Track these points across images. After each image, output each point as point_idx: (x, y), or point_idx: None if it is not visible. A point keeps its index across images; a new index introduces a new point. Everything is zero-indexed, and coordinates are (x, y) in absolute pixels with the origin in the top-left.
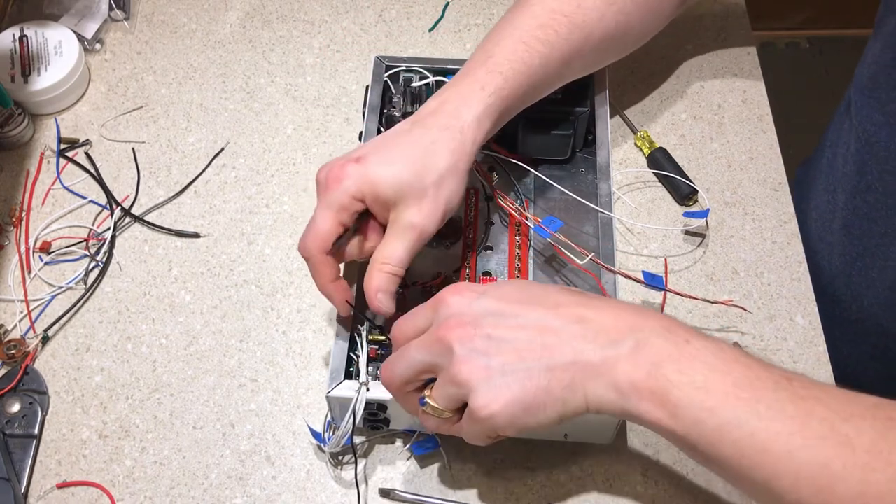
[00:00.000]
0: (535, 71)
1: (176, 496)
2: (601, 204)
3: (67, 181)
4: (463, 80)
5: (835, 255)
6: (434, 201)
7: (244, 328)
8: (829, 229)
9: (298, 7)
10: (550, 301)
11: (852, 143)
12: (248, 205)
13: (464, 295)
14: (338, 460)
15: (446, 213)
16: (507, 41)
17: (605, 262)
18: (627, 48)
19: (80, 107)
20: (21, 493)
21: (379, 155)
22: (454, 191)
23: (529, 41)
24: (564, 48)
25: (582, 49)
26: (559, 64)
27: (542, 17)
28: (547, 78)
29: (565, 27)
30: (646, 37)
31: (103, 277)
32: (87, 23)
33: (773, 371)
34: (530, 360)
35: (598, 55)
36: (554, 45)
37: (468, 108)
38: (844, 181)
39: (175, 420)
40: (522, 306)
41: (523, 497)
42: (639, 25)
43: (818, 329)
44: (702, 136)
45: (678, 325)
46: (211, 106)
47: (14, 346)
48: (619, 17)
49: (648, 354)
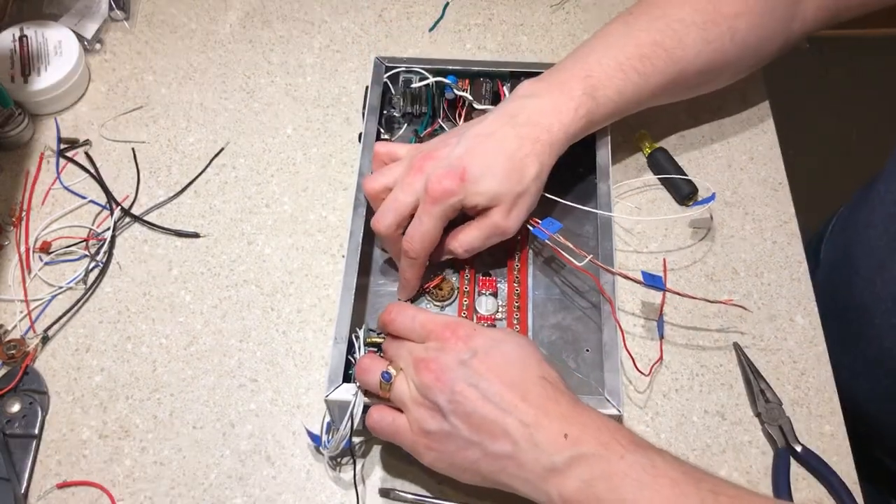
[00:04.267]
0: (627, 100)
1: (176, 496)
2: (600, 204)
3: (67, 181)
4: (560, 91)
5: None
6: (519, 209)
7: (244, 328)
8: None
9: (298, 7)
10: (519, 394)
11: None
12: (248, 205)
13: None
14: (337, 461)
15: (527, 216)
16: (608, 63)
17: (605, 263)
18: (718, 85)
19: (80, 107)
20: (21, 493)
21: (479, 169)
22: (534, 196)
23: (628, 70)
24: (658, 81)
25: (674, 83)
26: (649, 96)
27: (645, 47)
28: (635, 106)
29: (663, 61)
30: (740, 74)
31: (103, 277)
32: (87, 23)
33: (701, 486)
34: (478, 437)
35: (687, 90)
36: (649, 79)
37: (560, 125)
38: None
39: (175, 420)
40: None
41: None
42: (735, 64)
43: (818, 329)
44: (702, 136)
45: (617, 440)
46: (211, 106)
47: (14, 346)
48: (715, 56)
49: (582, 471)
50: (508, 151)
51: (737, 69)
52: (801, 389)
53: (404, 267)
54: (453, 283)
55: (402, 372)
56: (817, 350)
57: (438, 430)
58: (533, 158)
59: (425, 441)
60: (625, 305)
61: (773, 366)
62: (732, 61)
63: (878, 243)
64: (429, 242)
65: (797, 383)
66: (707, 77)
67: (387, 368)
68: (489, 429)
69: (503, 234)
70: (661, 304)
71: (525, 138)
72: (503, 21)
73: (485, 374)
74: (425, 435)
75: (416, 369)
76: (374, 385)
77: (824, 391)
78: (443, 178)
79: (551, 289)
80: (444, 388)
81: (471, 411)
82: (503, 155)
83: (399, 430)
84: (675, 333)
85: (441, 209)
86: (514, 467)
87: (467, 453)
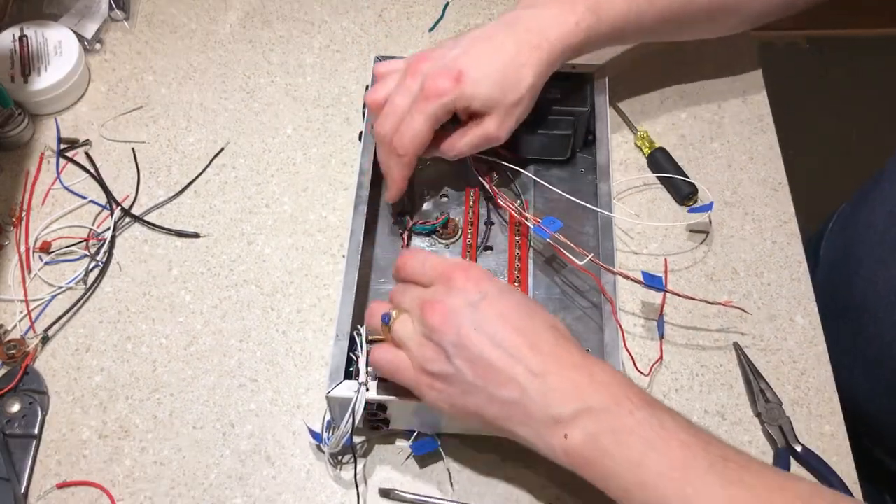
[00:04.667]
0: (629, 22)
1: (176, 496)
2: (601, 204)
3: (67, 181)
4: (562, 4)
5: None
6: (512, 118)
7: (244, 328)
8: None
9: (298, 7)
10: (529, 340)
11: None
12: (248, 205)
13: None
14: (337, 460)
15: (516, 126)
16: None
17: (605, 263)
18: (725, 29)
19: (80, 107)
20: (21, 493)
21: (476, 72)
22: (527, 108)
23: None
24: (662, 7)
25: (679, 14)
26: (652, 23)
27: None
28: (636, 31)
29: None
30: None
31: (103, 277)
32: (87, 23)
33: (710, 450)
34: (482, 382)
35: (692, 27)
36: (654, 4)
37: (559, 37)
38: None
39: (175, 420)
40: (505, 331)
41: (523, 497)
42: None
43: (818, 329)
44: (702, 136)
45: (627, 396)
46: (211, 106)
47: (14, 346)
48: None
49: (589, 424)
50: (506, 57)
51: (743, 14)
52: (801, 389)
53: (392, 166)
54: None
55: (405, 314)
56: (817, 350)
57: (441, 371)
58: (529, 67)
59: (428, 380)
60: (625, 305)
61: (773, 366)
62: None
63: (878, 242)
64: (419, 141)
65: (797, 383)
66: (713, 15)
67: (388, 311)
68: (495, 375)
69: (494, 142)
70: (661, 304)
71: (523, 44)
72: None
73: (493, 318)
74: (428, 375)
75: (422, 310)
76: (377, 327)
77: (824, 391)
78: (438, 77)
79: (552, 288)
80: (449, 330)
81: (477, 356)
82: (500, 60)
83: (400, 367)
84: (675, 333)
85: (434, 108)
86: (520, 415)
87: (472, 398)
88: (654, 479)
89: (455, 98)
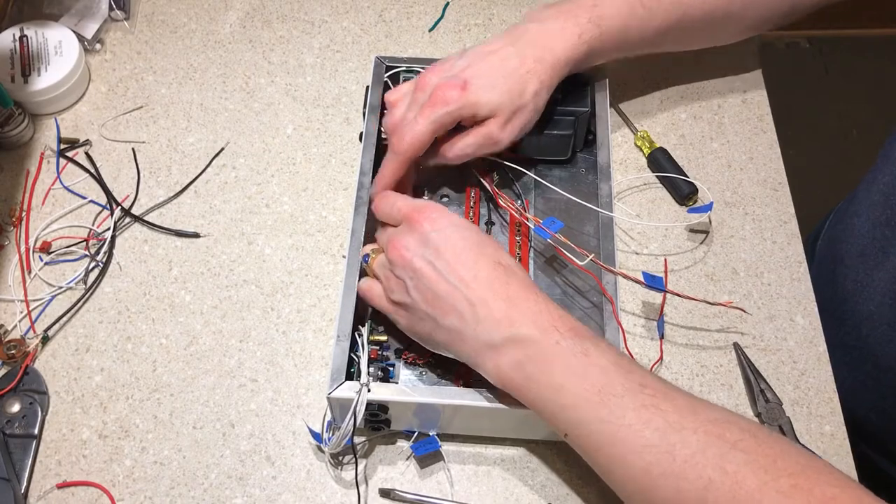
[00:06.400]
0: (631, 34)
1: (176, 496)
2: (601, 204)
3: (67, 181)
4: (566, 17)
5: (848, 279)
6: (515, 122)
7: (244, 328)
8: (848, 253)
9: (298, 7)
10: (471, 273)
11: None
12: (248, 205)
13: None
14: (338, 460)
15: (520, 135)
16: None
17: (606, 263)
18: (726, 37)
19: (80, 107)
20: (21, 493)
21: (481, 81)
22: (530, 116)
23: (634, 4)
24: (663, 19)
25: (679, 24)
26: (654, 34)
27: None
28: (638, 43)
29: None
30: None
31: (103, 277)
32: (87, 23)
33: (629, 376)
34: (431, 311)
35: (692, 36)
36: (655, 15)
37: (563, 50)
38: (871, 209)
39: (175, 420)
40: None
41: (523, 497)
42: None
43: (818, 329)
44: (702, 136)
45: (555, 326)
46: (211, 106)
47: (14, 346)
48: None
49: (517, 351)
50: (510, 68)
51: (743, 22)
52: (801, 389)
53: (386, 160)
54: None
55: (381, 252)
56: (817, 350)
57: (402, 301)
58: (533, 76)
59: (393, 308)
60: (625, 305)
61: (773, 366)
62: (737, 11)
63: (861, 232)
64: (417, 143)
65: (797, 383)
66: (713, 24)
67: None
68: (441, 304)
69: (496, 144)
70: (661, 304)
71: (527, 57)
72: (503, 21)
73: (443, 252)
74: (393, 304)
75: (387, 248)
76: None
77: (824, 391)
78: (445, 87)
79: (552, 288)
80: (405, 264)
81: (426, 287)
82: (505, 71)
83: (374, 296)
84: (676, 333)
85: (438, 114)
86: (459, 341)
87: (424, 325)
88: (574, 402)
89: (460, 107)
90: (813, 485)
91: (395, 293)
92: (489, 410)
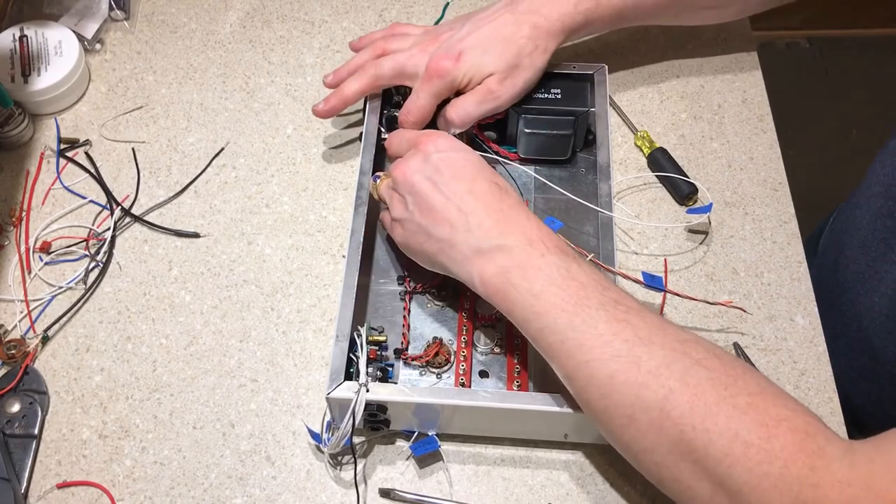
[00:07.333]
0: (627, 6)
1: (176, 496)
2: (601, 204)
3: (67, 181)
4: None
5: (850, 270)
6: (513, 79)
7: (244, 328)
8: (850, 244)
9: (298, 7)
10: (466, 187)
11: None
12: (248, 205)
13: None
14: (337, 461)
15: (521, 93)
16: None
17: (605, 263)
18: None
19: (80, 107)
20: (21, 493)
21: (476, 50)
22: (528, 76)
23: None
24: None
25: None
26: (652, 5)
27: None
28: (634, 14)
29: None
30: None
31: (103, 277)
32: (87, 23)
33: (606, 293)
34: (425, 222)
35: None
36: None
37: (559, 15)
38: (872, 201)
39: (175, 420)
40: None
41: (523, 497)
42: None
43: (818, 329)
44: (702, 136)
45: (542, 241)
46: (211, 106)
47: (14, 346)
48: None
49: (503, 258)
50: (506, 33)
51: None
52: (802, 389)
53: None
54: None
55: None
56: (817, 350)
57: (401, 216)
58: (529, 39)
59: (393, 224)
60: None
61: (773, 366)
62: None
63: (862, 223)
64: (422, 116)
65: (797, 383)
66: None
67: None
68: (434, 215)
69: (496, 99)
70: (661, 304)
71: (523, 23)
72: None
73: (442, 168)
74: (394, 220)
75: (393, 170)
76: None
77: (824, 391)
78: (440, 59)
79: None
80: (406, 180)
81: (422, 199)
82: (501, 36)
83: (383, 217)
84: None
85: (435, 86)
86: (449, 248)
87: (418, 237)
88: (549, 309)
89: (458, 77)
90: (769, 405)
91: (396, 209)
92: (488, 410)
